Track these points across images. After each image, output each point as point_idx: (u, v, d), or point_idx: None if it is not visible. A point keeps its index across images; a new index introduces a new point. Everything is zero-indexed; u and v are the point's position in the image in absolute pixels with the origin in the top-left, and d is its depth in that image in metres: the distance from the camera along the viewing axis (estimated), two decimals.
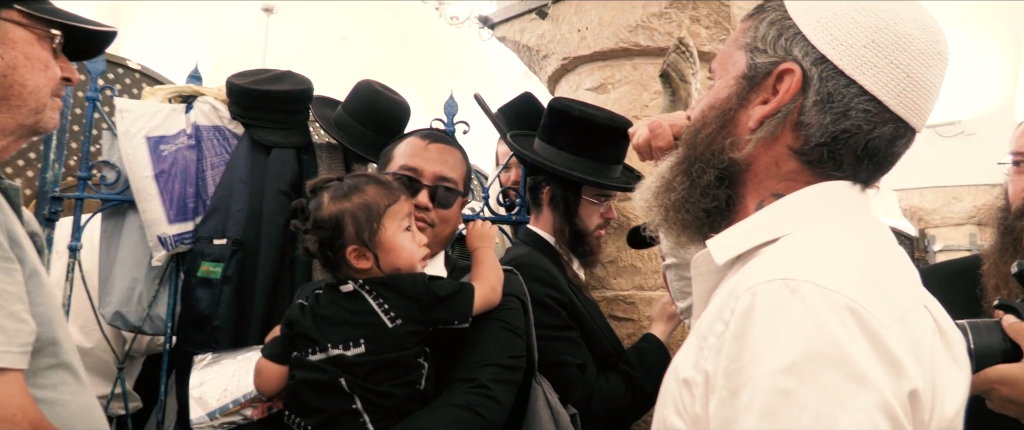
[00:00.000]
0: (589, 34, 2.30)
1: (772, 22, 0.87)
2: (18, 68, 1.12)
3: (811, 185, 0.84)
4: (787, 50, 0.84)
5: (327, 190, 1.35)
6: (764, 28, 0.87)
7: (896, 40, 0.80)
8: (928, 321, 0.73)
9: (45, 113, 1.19)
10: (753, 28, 0.89)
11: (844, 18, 0.81)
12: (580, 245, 1.98)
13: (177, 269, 2.03)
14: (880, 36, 0.80)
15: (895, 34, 0.80)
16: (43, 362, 1.06)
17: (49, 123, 1.21)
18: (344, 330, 1.29)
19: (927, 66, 0.81)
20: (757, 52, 0.87)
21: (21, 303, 1.00)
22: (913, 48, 0.80)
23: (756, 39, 0.88)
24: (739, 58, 0.90)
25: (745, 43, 0.89)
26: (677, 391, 0.79)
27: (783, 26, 0.85)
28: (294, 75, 2.15)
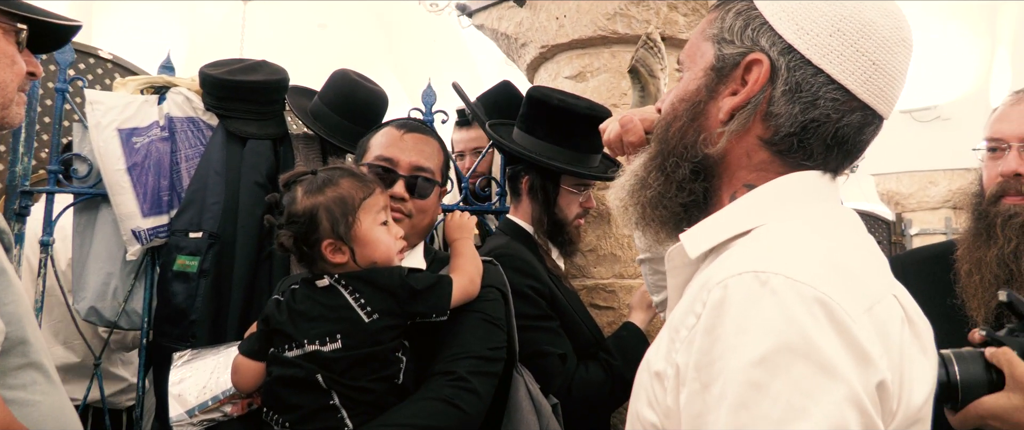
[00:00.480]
0: (567, 22, 2.29)
1: (738, 12, 0.86)
2: None
3: (782, 175, 0.85)
4: (754, 40, 0.84)
5: (301, 184, 1.34)
6: (731, 19, 0.87)
7: (861, 28, 0.80)
8: (897, 310, 0.74)
9: (11, 109, 1.17)
10: (719, 19, 0.89)
11: (809, 7, 0.81)
12: (560, 234, 1.98)
13: (152, 263, 2.00)
14: (845, 24, 0.80)
15: (860, 22, 0.80)
16: (13, 362, 1.04)
17: (15, 119, 1.19)
18: (320, 325, 1.27)
19: (892, 53, 0.82)
20: (724, 43, 0.86)
21: None
22: (878, 36, 0.81)
23: (723, 30, 0.87)
24: (707, 49, 0.89)
25: (712, 34, 0.89)
26: (649, 384, 0.79)
27: (749, 16, 0.85)
28: (269, 65, 2.12)
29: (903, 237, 6.43)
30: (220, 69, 2.04)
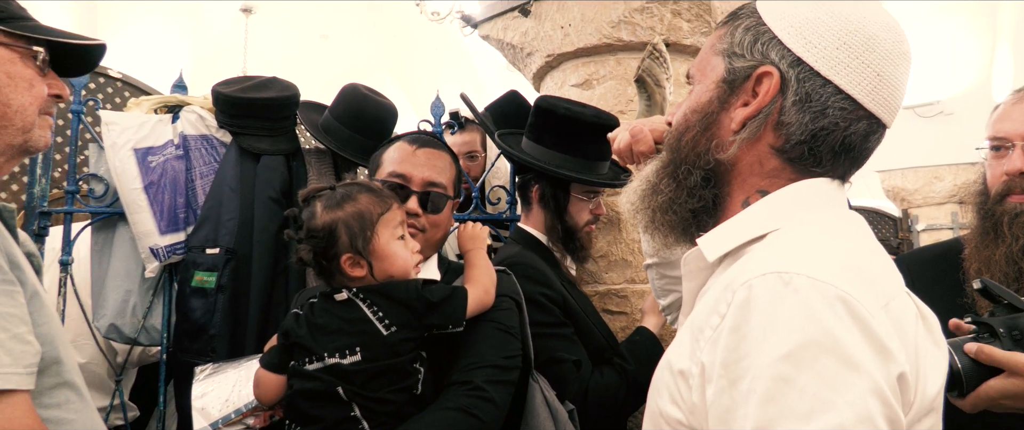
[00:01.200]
0: (572, 31, 2.32)
1: (747, 28, 0.91)
2: (2, 89, 1.12)
3: (793, 182, 0.88)
4: (764, 54, 0.88)
5: (320, 199, 1.36)
6: (740, 34, 0.91)
7: (866, 41, 0.84)
8: (910, 307, 0.78)
9: (34, 132, 1.18)
10: (729, 34, 0.93)
11: (816, 22, 0.86)
12: (571, 241, 2.00)
13: (170, 279, 2.03)
14: (851, 38, 0.84)
15: (864, 36, 0.84)
16: (48, 381, 1.07)
17: (39, 141, 1.19)
18: (339, 338, 1.30)
19: (895, 65, 0.86)
20: (735, 57, 0.91)
21: (25, 325, 1.00)
22: (882, 49, 0.85)
23: (733, 45, 0.91)
24: (717, 64, 0.93)
25: (722, 49, 0.93)
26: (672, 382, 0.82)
27: (759, 32, 0.89)
28: (280, 81, 2.15)
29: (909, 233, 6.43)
30: (232, 87, 2.07)
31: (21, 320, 0.99)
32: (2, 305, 0.97)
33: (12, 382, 0.94)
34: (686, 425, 0.79)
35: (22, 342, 0.98)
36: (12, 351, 0.95)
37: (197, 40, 6.76)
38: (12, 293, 0.99)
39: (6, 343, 0.95)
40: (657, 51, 1.55)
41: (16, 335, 0.97)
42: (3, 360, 0.94)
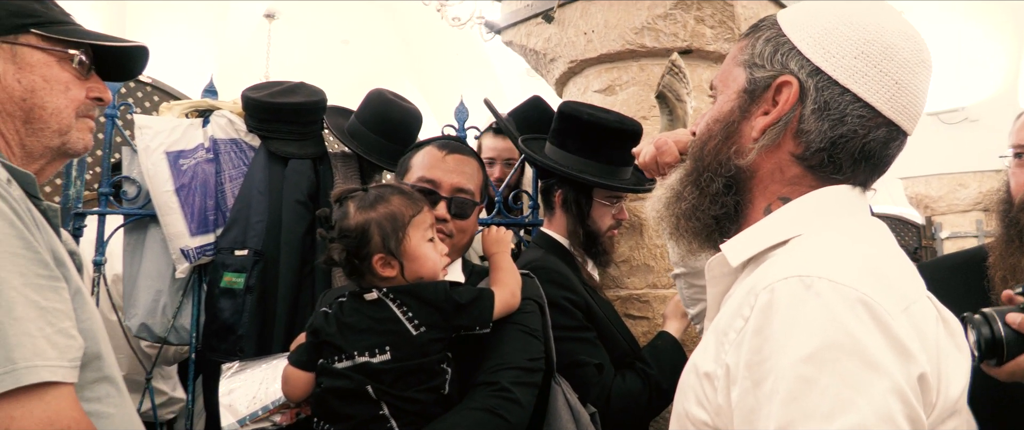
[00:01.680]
0: (595, 37, 2.33)
1: (768, 40, 0.93)
2: (37, 91, 1.14)
3: (815, 189, 0.91)
4: (783, 64, 0.91)
5: (353, 200, 1.39)
6: (761, 45, 0.94)
7: (884, 51, 0.86)
8: (931, 310, 0.79)
9: (71, 134, 1.20)
10: (750, 46, 0.96)
11: (835, 33, 0.88)
12: (593, 246, 2.01)
13: (200, 280, 2.07)
14: (869, 48, 0.86)
15: (882, 45, 0.86)
16: (89, 376, 1.09)
17: (77, 144, 1.22)
18: (369, 338, 1.32)
19: (913, 73, 0.88)
20: (755, 67, 0.94)
21: (69, 320, 1.03)
22: (899, 57, 0.87)
23: (754, 56, 0.94)
24: (738, 74, 0.96)
25: (743, 60, 0.96)
26: (698, 385, 0.84)
27: (778, 42, 0.92)
28: (307, 86, 2.19)
29: (933, 241, 6.35)
30: (261, 92, 2.11)
31: (66, 315, 1.03)
32: (48, 301, 1.00)
33: (58, 375, 0.97)
34: (712, 426, 0.81)
35: (67, 336, 1.01)
36: (58, 345, 0.99)
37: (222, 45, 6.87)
38: (57, 289, 1.03)
39: (52, 337, 0.98)
40: (676, 66, 1.57)
41: (61, 330, 1.00)
42: (49, 354, 0.97)
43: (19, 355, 0.93)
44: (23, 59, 1.14)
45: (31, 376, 0.93)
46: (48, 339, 0.97)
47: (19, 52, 1.14)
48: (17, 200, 1.02)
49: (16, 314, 0.94)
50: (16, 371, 0.93)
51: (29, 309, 0.96)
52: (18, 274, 0.97)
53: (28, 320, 0.96)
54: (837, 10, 0.90)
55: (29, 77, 1.14)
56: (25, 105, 1.14)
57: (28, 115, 1.15)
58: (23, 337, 0.94)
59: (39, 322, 0.97)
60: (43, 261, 1.01)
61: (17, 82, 1.13)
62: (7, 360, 0.92)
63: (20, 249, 0.98)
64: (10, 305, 0.94)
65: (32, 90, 1.14)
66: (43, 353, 0.96)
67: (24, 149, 1.17)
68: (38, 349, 0.95)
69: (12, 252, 0.97)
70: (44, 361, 0.95)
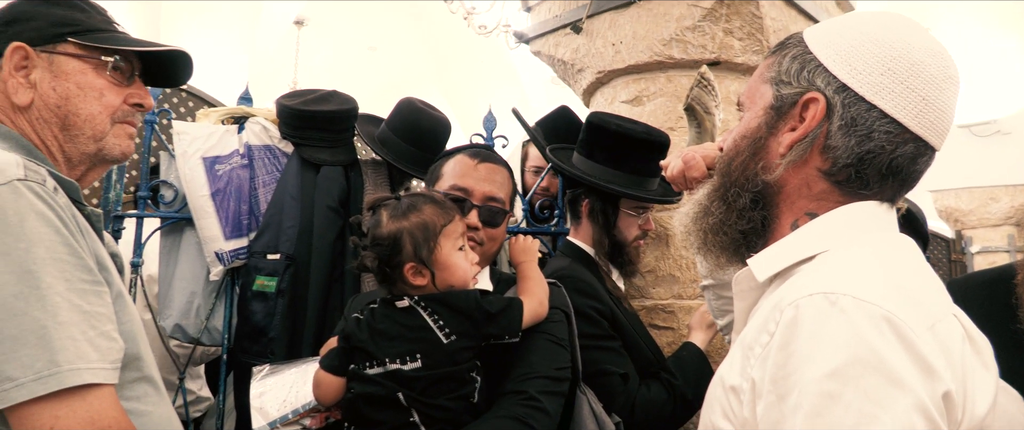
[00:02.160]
0: (623, 48, 2.35)
1: (794, 57, 0.95)
2: (70, 98, 1.18)
3: (842, 205, 0.92)
4: (810, 81, 0.92)
5: (386, 208, 1.40)
6: (787, 62, 0.95)
7: (910, 67, 0.87)
8: (957, 328, 0.79)
9: (107, 140, 1.22)
10: (777, 63, 0.97)
11: (861, 50, 0.89)
12: (619, 256, 2.03)
13: (232, 283, 2.12)
14: (895, 64, 0.87)
15: (909, 62, 0.87)
16: (129, 376, 1.13)
17: (114, 150, 1.24)
18: (400, 345, 1.33)
19: (940, 89, 0.88)
20: (782, 84, 0.95)
21: (111, 323, 1.07)
22: (926, 74, 0.87)
23: (780, 73, 0.96)
24: (766, 91, 0.98)
25: (770, 77, 0.98)
26: (724, 398, 0.86)
27: (805, 60, 0.93)
28: (340, 95, 2.23)
29: (963, 255, 6.24)
30: (295, 100, 2.16)
31: (108, 318, 1.06)
32: (91, 305, 1.03)
33: (100, 376, 1.00)
34: None
35: (108, 339, 1.04)
36: (99, 347, 1.02)
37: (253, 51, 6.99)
38: (100, 293, 1.06)
39: (94, 340, 1.02)
40: (705, 79, 1.58)
41: (103, 332, 1.04)
42: (92, 356, 1.00)
43: (63, 358, 0.97)
44: (59, 67, 1.18)
45: (74, 378, 0.97)
46: (90, 342, 1.01)
47: (56, 61, 1.18)
48: (63, 208, 1.06)
49: (61, 319, 0.98)
50: (60, 373, 0.96)
51: (73, 313, 1.00)
52: (63, 280, 1.00)
53: (72, 324, 0.99)
54: (863, 27, 0.91)
55: (64, 85, 1.17)
56: (60, 112, 1.17)
57: (64, 122, 1.18)
58: (67, 340, 0.98)
59: (82, 326, 1.00)
60: (87, 266, 1.05)
61: (52, 90, 1.17)
62: (52, 363, 0.96)
63: (65, 255, 1.02)
64: (55, 310, 0.98)
65: (66, 97, 1.17)
66: (86, 356, 0.99)
67: (65, 156, 1.21)
68: (81, 352, 0.99)
69: (58, 258, 1.00)
70: (86, 363, 0.99)
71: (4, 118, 1.17)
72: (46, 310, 0.97)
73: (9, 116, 1.17)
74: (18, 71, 1.16)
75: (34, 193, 1.02)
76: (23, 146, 1.14)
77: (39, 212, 1.01)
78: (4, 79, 1.16)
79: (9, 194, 0.99)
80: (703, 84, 1.58)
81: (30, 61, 1.16)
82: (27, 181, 1.02)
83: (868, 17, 0.93)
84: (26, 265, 0.97)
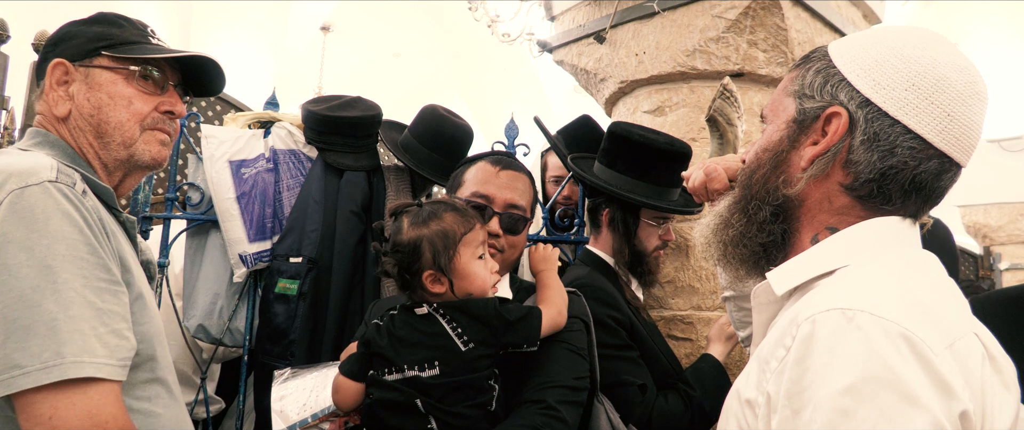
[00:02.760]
0: (646, 58, 2.35)
1: (818, 71, 0.95)
2: (102, 108, 1.25)
3: (864, 220, 0.91)
4: (833, 95, 0.92)
5: (407, 215, 1.41)
6: (811, 76, 0.95)
7: (935, 83, 0.86)
8: (977, 347, 0.78)
9: (137, 146, 1.28)
10: (800, 77, 0.97)
11: (885, 64, 0.89)
12: (639, 266, 2.02)
13: (255, 285, 2.15)
14: (920, 80, 0.87)
15: (934, 77, 0.86)
16: (141, 376, 1.16)
17: (144, 156, 1.29)
18: (419, 352, 1.34)
19: (967, 105, 0.87)
20: (805, 98, 0.95)
21: (124, 322, 1.10)
22: (952, 89, 0.86)
23: (804, 86, 0.96)
24: (788, 104, 0.98)
25: (793, 90, 0.98)
26: (740, 411, 0.86)
27: (828, 74, 0.93)
28: (364, 101, 2.26)
29: (991, 272, 6.12)
30: (320, 106, 2.19)
31: (122, 317, 1.09)
32: (106, 302, 1.06)
33: (104, 372, 1.03)
34: None
35: (119, 337, 1.07)
36: (108, 344, 1.05)
37: (279, 56, 7.09)
38: (116, 293, 1.09)
39: (103, 336, 1.04)
40: (727, 91, 1.58)
41: (114, 330, 1.06)
42: (98, 352, 1.03)
43: (68, 350, 1.00)
44: (93, 79, 1.26)
45: (77, 370, 1.00)
46: (99, 338, 1.03)
47: (91, 74, 1.26)
48: (90, 210, 1.10)
49: (71, 312, 1.01)
50: (63, 364, 0.99)
51: (85, 309, 1.03)
52: (80, 276, 1.04)
53: (82, 319, 1.02)
54: (888, 42, 0.90)
55: (97, 95, 1.25)
56: (94, 121, 1.25)
57: (97, 130, 1.25)
58: (74, 334, 1.01)
59: (93, 321, 1.03)
60: (106, 266, 1.08)
61: (87, 101, 1.25)
62: (57, 354, 0.99)
63: (86, 254, 1.05)
64: (67, 303, 1.01)
65: (99, 107, 1.25)
66: (92, 350, 1.02)
67: (101, 163, 1.28)
68: (88, 346, 1.01)
69: (78, 256, 1.04)
70: (91, 358, 1.01)
71: (49, 127, 1.25)
72: (59, 303, 1.01)
73: (54, 127, 1.25)
74: (59, 85, 1.25)
75: (63, 194, 1.06)
76: (67, 154, 1.22)
77: (65, 212, 1.05)
78: (47, 93, 1.25)
79: (40, 194, 1.04)
80: (725, 96, 1.58)
81: (70, 75, 1.25)
82: (57, 183, 1.07)
83: (893, 31, 0.92)
84: (46, 260, 1.01)
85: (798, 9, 2.25)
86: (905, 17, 6.66)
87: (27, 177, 1.05)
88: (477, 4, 5.63)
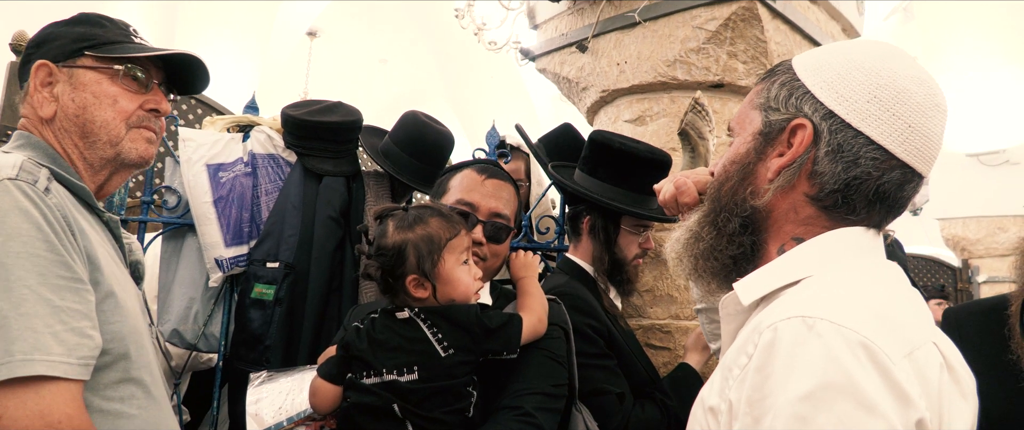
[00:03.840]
0: (628, 68, 2.36)
1: (783, 83, 0.96)
2: (87, 107, 1.24)
3: (829, 230, 0.92)
4: (798, 107, 0.93)
5: (392, 219, 1.40)
6: (776, 89, 0.97)
7: (896, 95, 0.88)
8: (936, 357, 0.79)
9: (123, 144, 1.28)
10: (766, 90, 0.99)
11: (848, 77, 0.90)
12: (618, 274, 2.02)
13: (231, 290, 2.13)
14: (881, 92, 0.88)
15: (895, 90, 0.88)
16: (112, 376, 1.12)
17: (131, 154, 1.29)
18: (398, 356, 1.33)
19: (927, 117, 0.89)
20: (771, 111, 0.96)
21: (87, 320, 1.06)
22: (912, 102, 0.88)
23: (769, 99, 0.97)
24: (755, 117, 0.99)
25: (759, 103, 0.99)
26: (704, 418, 0.87)
27: (793, 87, 0.95)
28: (345, 106, 2.25)
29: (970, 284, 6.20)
30: (300, 110, 2.18)
31: (83, 315, 1.06)
32: (64, 300, 1.03)
33: (58, 370, 0.99)
34: None
35: (79, 335, 1.04)
36: (65, 342, 1.01)
37: (265, 60, 7.06)
38: (78, 290, 1.06)
39: (60, 334, 1.01)
40: (699, 105, 1.60)
41: (74, 328, 1.03)
42: (53, 350, 1.00)
43: (18, 348, 0.97)
44: (78, 80, 1.25)
45: (26, 368, 0.97)
46: (55, 336, 1.00)
47: (75, 74, 1.25)
48: (51, 207, 1.08)
49: (23, 310, 0.99)
50: (12, 363, 0.96)
51: (40, 306, 1.00)
52: (36, 273, 1.01)
53: (35, 316, 0.99)
54: (850, 55, 0.92)
55: (82, 95, 1.25)
56: (78, 121, 1.24)
57: (82, 130, 1.25)
58: (26, 331, 0.98)
59: (48, 319, 1.00)
60: (66, 263, 1.05)
61: (71, 101, 1.24)
62: (5, 352, 0.96)
63: (42, 251, 1.03)
64: (19, 301, 0.99)
65: (83, 107, 1.24)
66: (45, 348, 0.99)
67: (86, 163, 1.27)
68: (40, 344, 0.98)
69: (33, 253, 1.02)
70: (44, 355, 0.98)
71: (33, 130, 1.25)
72: (11, 301, 0.98)
73: (37, 128, 1.25)
74: (43, 87, 1.25)
75: (21, 191, 1.05)
76: (49, 154, 1.21)
77: (22, 209, 1.03)
78: (32, 94, 1.25)
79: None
80: (697, 110, 1.60)
81: (53, 77, 1.25)
82: (17, 180, 1.06)
83: (856, 45, 0.94)
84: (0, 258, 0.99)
85: (778, 22, 2.27)
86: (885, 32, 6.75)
87: None
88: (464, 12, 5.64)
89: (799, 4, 2.37)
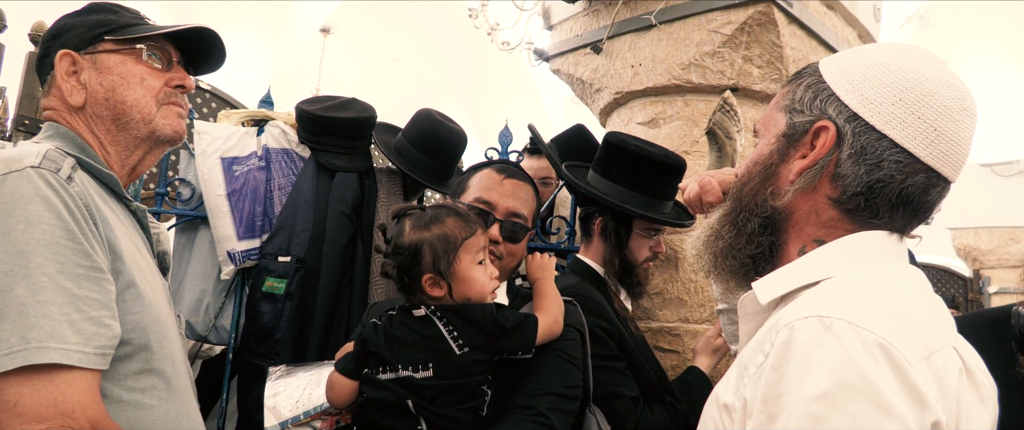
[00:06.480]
0: (642, 70, 2.36)
1: (808, 86, 0.96)
2: (116, 89, 1.26)
3: (851, 233, 0.92)
4: (822, 110, 0.93)
5: (410, 218, 1.41)
6: (801, 91, 0.97)
7: (922, 98, 0.87)
8: (955, 361, 0.79)
9: (156, 121, 1.30)
10: (791, 92, 0.99)
11: (873, 80, 0.90)
12: (628, 276, 2.02)
13: (243, 283, 2.14)
14: (907, 95, 0.87)
15: (921, 92, 0.87)
16: (132, 366, 1.12)
17: (165, 129, 1.31)
18: (414, 353, 1.34)
19: (954, 120, 0.88)
20: (795, 112, 0.96)
21: (106, 309, 1.06)
22: (939, 105, 0.87)
23: (794, 101, 0.97)
24: (779, 119, 0.99)
25: (784, 105, 0.99)
26: (718, 415, 0.87)
27: (818, 89, 0.95)
28: (359, 102, 2.26)
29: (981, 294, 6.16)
30: (315, 106, 2.19)
31: (102, 305, 1.05)
32: (83, 289, 1.03)
33: (74, 359, 1.00)
34: None
35: (97, 325, 1.04)
36: (83, 331, 1.01)
37: (278, 57, 7.09)
38: (97, 280, 1.06)
39: (77, 323, 1.01)
40: (727, 104, 1.59)
41: (92, 318, 1.03)
42: (70, 338, 1.00)
43: (34, 335, 0.97)
44: (102, 64, 1.27)
45: (41, 356, 0.97)
46: (72, 324, 1.00)
47: (98, 59, 1.27)
48: (74, 196, 1.08)
49: (41, 297, 0.99)
50: (27, 350, 0.96)
51: (58, 294, 1.00)
52: (55, 262, 1.01)
53: (53, 304, 0.99)
54: (877, 57, 0.91)
55: (109, 78, 1.26)
56: (109, 103, 1.26)
57: (114, 112, 1.26)
58: (42, 319, 0.98)
59: (66, 307, 1.00)
60: (86, 252, 1.05)
61: (100, 85, 1.26)
62: (22, 339, 0.96)
63: (63, 239, 1.03)
64: (37, 288, 0.99)
65: (112, 88, 1.26)
66: (61, 336, 0.99)
67: (119, 146, 1.28)
68: (56, 332, 0.98)
69: (53, 241, 1.02)
70: (59, 343, 0.98)
71: (61, 120, 1.26)
72: (29, 288, 0.98)
73: (65, 118, 1.26)
74: (70, 76, 1.26)
75: (44, 179, 1.05)
76: (76, 143, 1.22)
77: (44, 197, 1.04)
78: (58, 85, 1.26)
79: (20, 180, 1.04)
80: (726, 109, 1.59)
81: (78, 65, 1.26)
82: (39, 168, 1.06)
83: (883, 48, 0.94)
84: (20, 245, 1.00)
85: (794, 27, 2.27)
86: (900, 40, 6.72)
87: (11, 164, 1.05)
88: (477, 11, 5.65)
89: (815, 9, 2.36)
